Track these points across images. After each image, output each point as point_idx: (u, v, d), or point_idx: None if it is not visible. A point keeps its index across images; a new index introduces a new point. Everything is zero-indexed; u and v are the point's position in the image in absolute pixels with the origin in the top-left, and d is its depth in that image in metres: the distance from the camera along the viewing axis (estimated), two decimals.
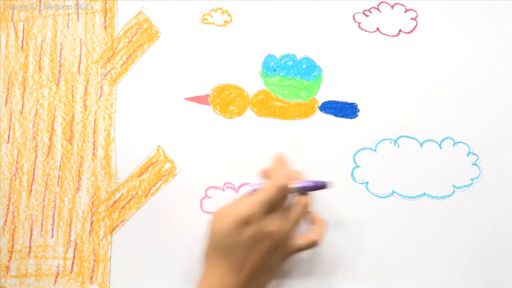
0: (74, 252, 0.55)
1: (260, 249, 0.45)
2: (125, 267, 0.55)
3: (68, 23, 0.58)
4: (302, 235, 0.49)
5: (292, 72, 0.57)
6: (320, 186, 0.50)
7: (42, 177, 0.56)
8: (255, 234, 0.45)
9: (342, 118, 0.56)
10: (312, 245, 0.48)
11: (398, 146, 0.56)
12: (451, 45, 0.57)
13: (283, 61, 0.57)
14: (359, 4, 0.57)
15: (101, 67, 0.57)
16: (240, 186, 0.56)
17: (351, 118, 0.56)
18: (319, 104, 0.56)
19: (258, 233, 0.45)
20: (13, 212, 0.55)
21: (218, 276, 0.45)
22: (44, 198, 0.55)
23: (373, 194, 0.55)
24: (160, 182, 0.55)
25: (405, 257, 0.54)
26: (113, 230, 0.55)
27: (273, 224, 0.46)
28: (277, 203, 0.47)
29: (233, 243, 0.45)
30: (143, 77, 0.57)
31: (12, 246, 0.55)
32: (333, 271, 0.54)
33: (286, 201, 0.48)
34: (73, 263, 0.55)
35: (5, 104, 0.57)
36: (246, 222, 0.45)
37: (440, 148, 0.55)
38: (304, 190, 0.49)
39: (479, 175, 0.55)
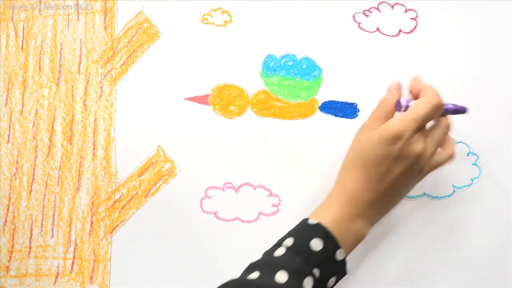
0: (74, 252, 0.55)
1: (403, 166, 0.45)
2: (125, 267, 0.55)
3: (68, 23, 0.58)
4: (438, 152, 0.48)
5: (292, 72, 0.57)
6: (461, 110, 0.49)
7: (42, 177, 0.56)
8: (403, 151, 0.45)
9: (342, 118, 0.56)
10: (449, 159, 0.48)
11: None
12: (451, 45, 0.56)
13: (283, 61, 0.57)
14: (359, 4, 0.57)
15: (101, 67, 0.57)
16: (240, 186, 0.56)
17: (351, 118, 0.56)
18: (319, 104, 0.56)
19: (405, 151, 0.45)
20: (13, 212, 0.55)
21: (356, 185, 0.46)
22: (44, 198, 0.55)
23: None
24: (160, 182, 0.55)
25: (405, 257, 0.54)
26: (113, 230, 0.55)
27: (420, 144, 0.45)
28: (428, 122, 0.46)
29: (380, 156, 0.45)
30: (143, 77, 0.57)
31: (12, 246, 0.55)
32: None
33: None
34: (73, 263, 0.55)
35: (5, 104, 0.57)
36: (397, 138, 0.44)
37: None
38: (450, 112, 0.49)
39: (479, 175, 0.55)
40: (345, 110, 0.56)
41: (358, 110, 0.56)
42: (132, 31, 0.57)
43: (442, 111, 0.47)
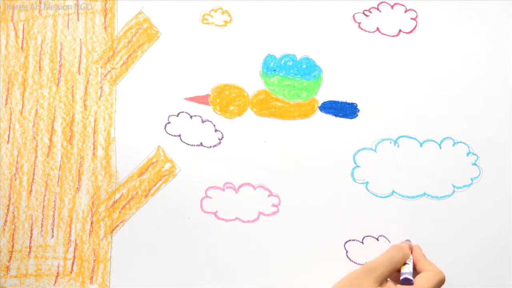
0: (74, 252, 0.55)
1: None
2: (125, 267, 0.55)
3: (68, 23, 0.58)
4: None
5: (292, 72, 0.57)
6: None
7: (42, 177, 0.56)
8: None
9: (342, 118, 0.56)
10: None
11: (398, 146, 0.56)
12: (451, 45, 0.56)
13: (283, 61, 0.57)
14: (359, 4, 0.57)
15: (101, 67, 0.57)
16: (240, 186, 0.56)
17: (351, 118, 0.56)
18: (319, 104, 0.56)
19: None
20: (13, 212, 0.55)
21: None
22: (44, 198, 0.55)
23: (373, 194, 0.55)
24: (160, 182, 0.55)
25: None
26: (113, 230, 0.55)
27: None
28: None
29: None
30: (143, 77, 0.57)
31: (12, 246, 0.55)
32: (334, 271, 0.54)
33: None
34: (73, 263, 0.55)
35: (5, 104, 0.57)
36: None
37: (440, 148, 0.55)
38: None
39: (479, 175, 0.55)
40: (345, 110, 0.56)
41: (358, 110, 0.56)
42: (132, 31, 0.57)
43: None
